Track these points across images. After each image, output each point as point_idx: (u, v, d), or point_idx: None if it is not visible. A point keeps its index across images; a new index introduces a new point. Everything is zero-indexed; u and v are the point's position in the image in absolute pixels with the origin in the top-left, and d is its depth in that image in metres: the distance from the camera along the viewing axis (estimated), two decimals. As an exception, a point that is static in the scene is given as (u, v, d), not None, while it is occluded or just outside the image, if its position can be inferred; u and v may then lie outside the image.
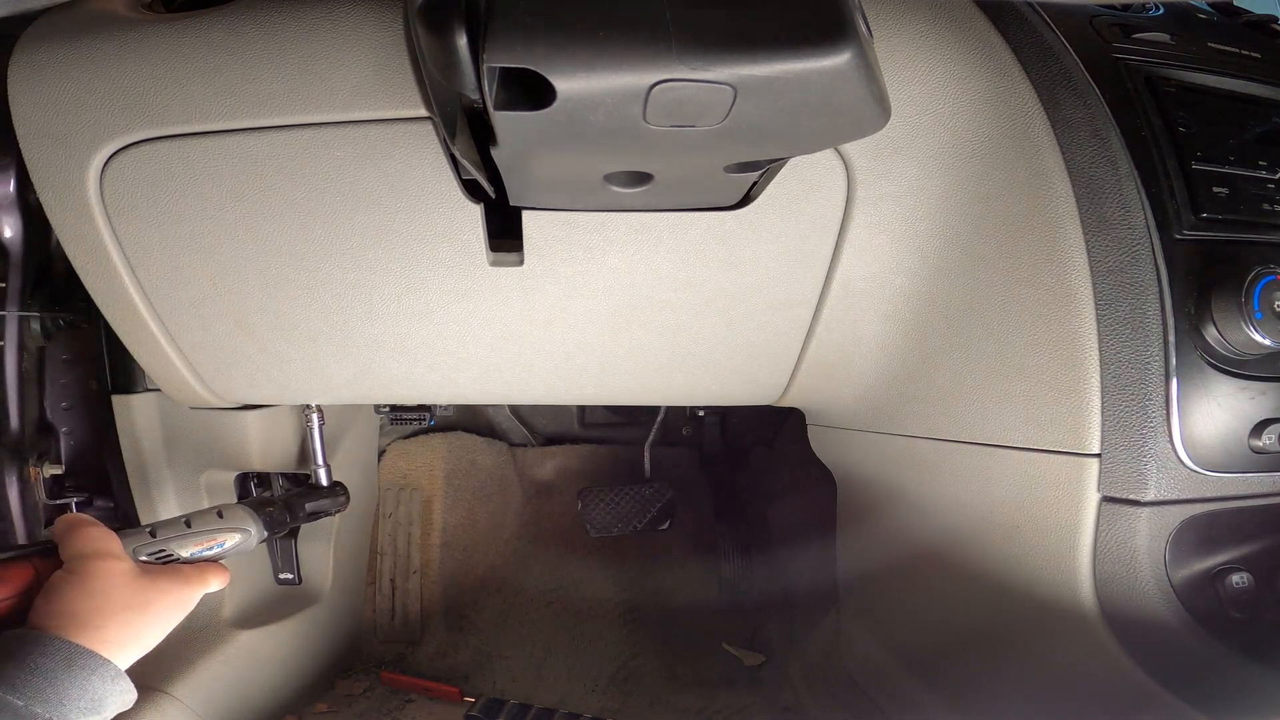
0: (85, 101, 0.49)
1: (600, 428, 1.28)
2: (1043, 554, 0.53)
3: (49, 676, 0.41)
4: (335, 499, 0.74)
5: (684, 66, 0.30)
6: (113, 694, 0.44)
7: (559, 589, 1.19)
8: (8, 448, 0.75)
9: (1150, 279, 0.48)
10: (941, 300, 0.58)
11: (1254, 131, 0.53)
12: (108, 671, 0.44)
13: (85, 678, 0.43)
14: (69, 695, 0.42)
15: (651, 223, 0.54)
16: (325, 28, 0.46)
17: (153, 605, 0.48)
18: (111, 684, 0.44)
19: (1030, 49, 0.51)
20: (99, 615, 0.45)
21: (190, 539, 0.53)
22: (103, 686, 0.43)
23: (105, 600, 0.46)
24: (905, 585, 0.75)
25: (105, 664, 0.44)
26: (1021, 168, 0.51)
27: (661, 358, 0.66)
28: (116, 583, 0.47)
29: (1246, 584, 0.49)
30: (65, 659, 0.42)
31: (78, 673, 0.42)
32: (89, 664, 0.43)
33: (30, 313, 0.74)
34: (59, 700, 0.41)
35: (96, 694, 0.43)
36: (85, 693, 0.42)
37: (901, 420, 0.66)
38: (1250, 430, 0.49)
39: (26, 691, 0.40)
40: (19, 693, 0.40)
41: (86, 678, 0.43)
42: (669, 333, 0.63)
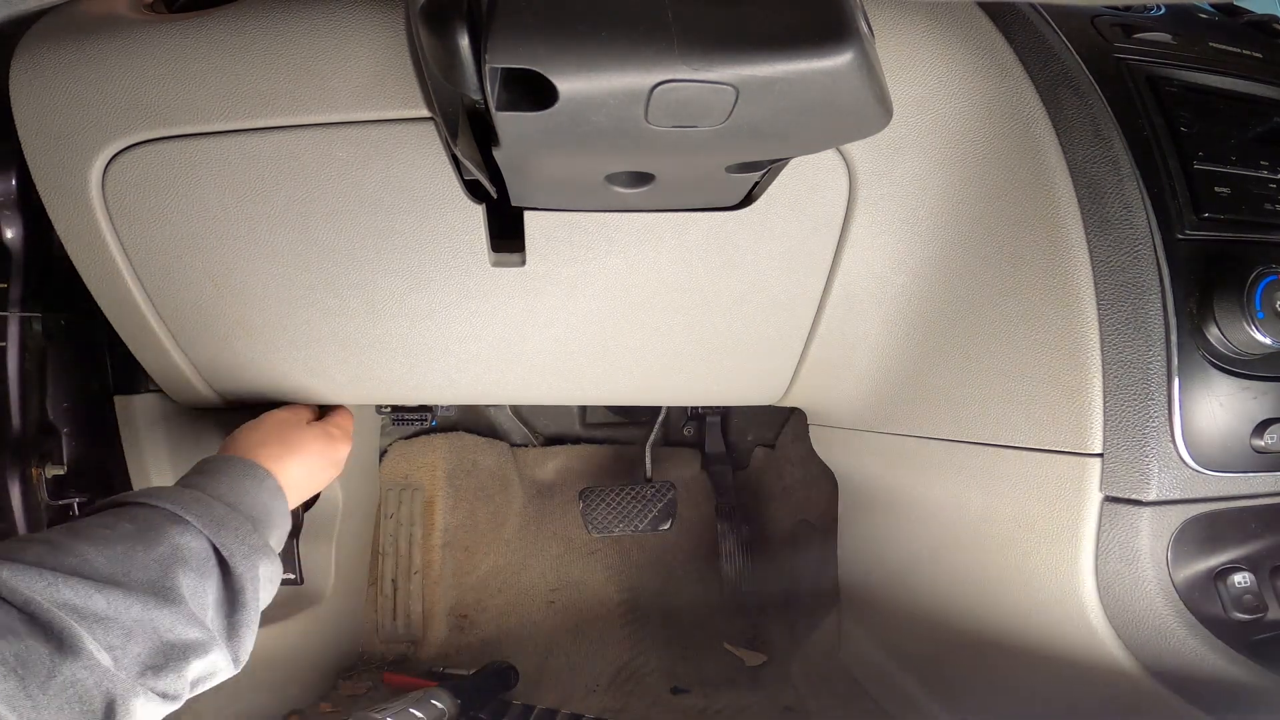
0: (87, 102, 0.49)
1: (601, 428, 1.28)
2: (1044, 554, 0.53)
3: (234, 489, 0.50)
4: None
5: (686, 67, 0.30)
6: (276, 510, 0.52)
7: (560, 589, 1.19)
8: (9, 448, 0.75)
9: (1152, 279, 0.48)
10: (943, 300, 0.58)
11: (1255, 131, 0.53)
12: (281, 503, 0.52)
13: (265, 496, 0.51)
14: (238, 489, 0.50)
15: (653, 223, 0.54)
16: (327, 28, 0.46)
17: (307, 448, 0.59)
18: (272, 498, 0.52)
19: (1032, 49, 0.51)
20: (281, 456, 0.56)
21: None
22: (274, 504, 0.51)
23: (287, 444, 0.57)
24: (906, 585, 0.75)
25: (280, 493, 0.52)
26: (1023, 167, 0.51)
27: (664, 358, 0.66)
28: (299, 437, 0.59)
29: (1248, 584, 0.49)
30: (253, 476, 0.52)
31: (260, 490, 0.51)
32: (269, 485, 0.52)
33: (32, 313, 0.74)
34: (231, 491, 0.49)
35: (269, 511, 0.51)
36: (260, 504, 0.50)
37: (903, 420, 0.66)
38: (1252, 430, 0.49)
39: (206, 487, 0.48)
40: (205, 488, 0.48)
41: (267, 496, 0.51)
42: (671, 333, 0.63)
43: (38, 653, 0.33)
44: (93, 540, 0.40)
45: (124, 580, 0.38)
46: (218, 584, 0.43)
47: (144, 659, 0.38)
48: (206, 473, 0.51)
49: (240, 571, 0.44)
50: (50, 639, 0.34)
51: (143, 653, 0.38)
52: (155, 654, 0.38)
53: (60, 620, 0.34)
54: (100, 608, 0.37)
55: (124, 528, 0.42)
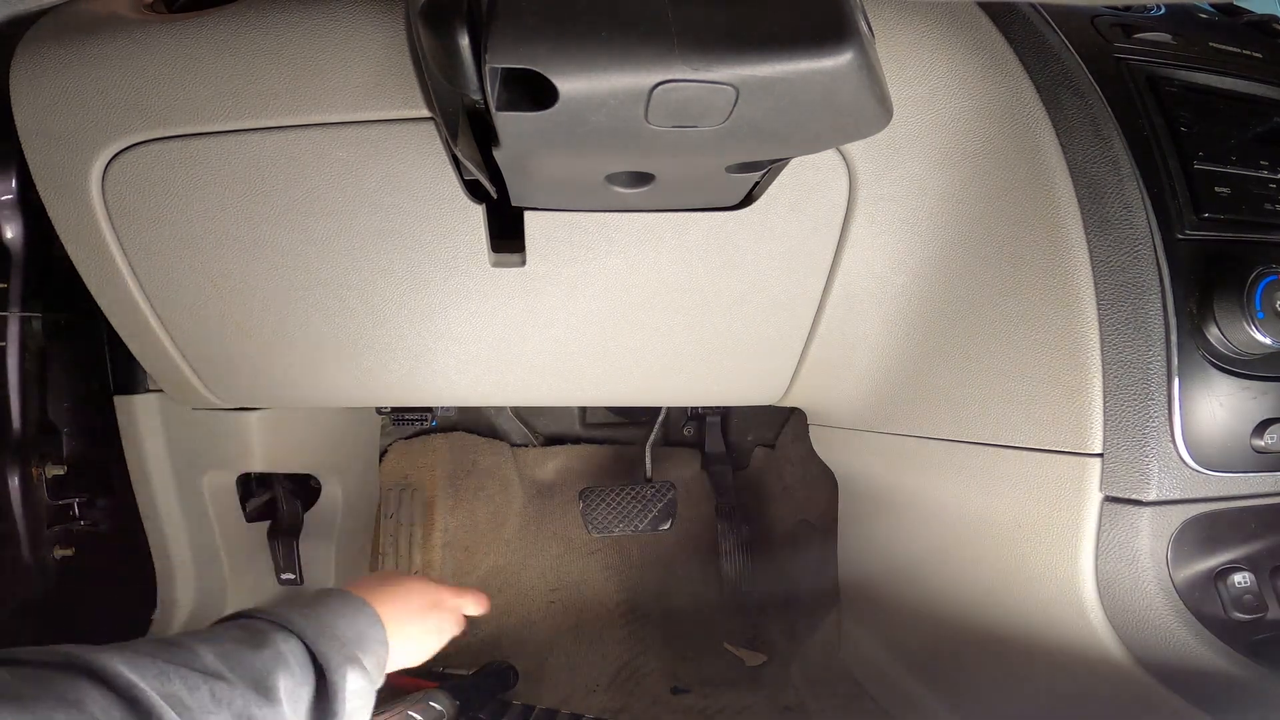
0: (87, 102, 0.49)
1: (601, 428, 1.28)
2: (1045, 554, 0.53)
3: (333, 611, 0.50)
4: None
5: (686, 67, 0.30)
6: (371, 637, 0.51)
7: (560, 589, 1.19)
8: (10, 448, 0.75)
9: (1152, 279, 0.48)
10: (943, 300, 0.58)
11: (1255, 131, 0.53)
12: (378, 631, 0.52)
13: (363, 622, 0.51)
14: (340, 627, 0.49)
15: (653, 223, 0.54)
16: (327, 28, 0.46)
17: (428, 619, 0.59)
18: (369, 627, 0.51)
19: (1032, 49, 0.51)
20: (388, 600, 0.55)
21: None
22: (370, 631, 0.51)
23: (397, 593, 0.57)
24: (907, 585, 0.75)
25: (378, 621, 0.52)
26: (1023, 167, 0.51)
27: (664, 358, 0.66)
28: (411, 590, 0.58)
29: (1249, 584, 0.49)
30: (354, 605, 0.52)
31: (357, 616, 0.51)
32: (367, 613, 0.52)
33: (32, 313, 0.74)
34: (331, 629, 0.48)
35: (364, 635, 0.50)
36: (356, 629, 0.50)
37: (903, 420, 0.66)
38: (1252, 430, 0.49)
39: (309, 618, 0.47)
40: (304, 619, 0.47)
41: (364, 623, 0.51)
42: (671, 333, 0.63)
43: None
44: (203, 640, 0.41)
45: (229, 676, 0.40)
46: (312, 690, 0.44)
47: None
48: (316, 599, 0.53)
49: (334, 679, 0.45)
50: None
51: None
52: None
53: (160, 709, 0.35)
54: (205, 700, 0.38)
55: (232, 633, 0.43)
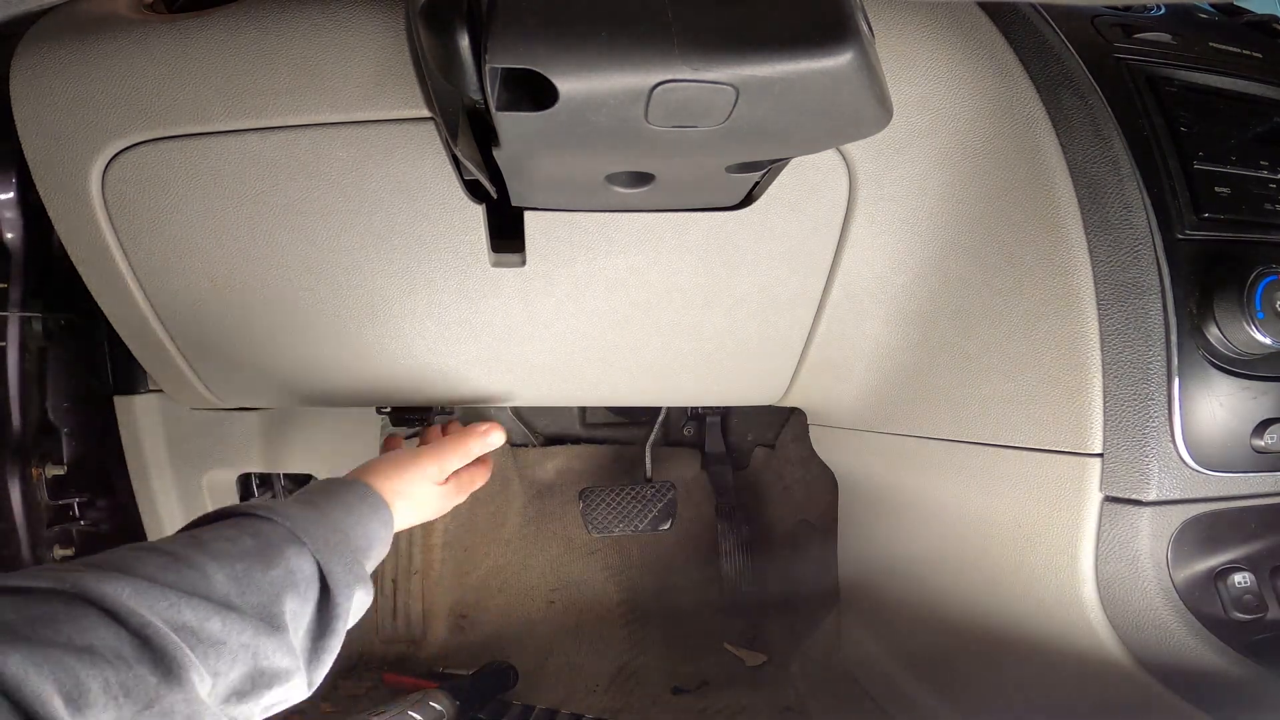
0: (87, 102, 0.49)
1: (601, 428, 1.28)
2: (1045, 554, 0.53)
3: (347, 509, 0.50)
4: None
5: (686, 67, 0.30)
6: (379, 540, 0.51)
7: (560, 589, 1.19)
8: (10, 448, 0.75)
9: (1152, 279, 0.48)
10: (943, 300, 0.58)
11: (1255, 131, 0.53)
12: (387, 531, 0.52)
13: (375, 524, 0.51)
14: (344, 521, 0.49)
15: (653, 224, 0.54)
16: (327, 28, 0.46)
17: (429, 500, 0.59)
18: (381, 528, 0.51)
19: (1032, 49, 0.51)
20: (402, 487, 0.56)
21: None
22: (381, 533, 0.51)
23: (410, 476, 0.57)
24: (907, 585, 0.75)
25: (390, 520, 0.52)
26: (1023, 168, 0.51)
27: (664, 358, 0.66)
28: (425, 471, 0.58)
29: (1249, 584, 0.49)
30: (369, 504, 0.51)
31: (371, 518, 0.51)
32: (382, 515, 0.52)
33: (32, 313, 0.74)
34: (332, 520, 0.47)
35: (373, 539, 0.50)
36: (367, 534, 0.50)
37: (903, 420, 0.66)
38: (1252, 430, 0.49)
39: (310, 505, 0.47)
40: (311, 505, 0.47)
41: (376, 524, 0.51)
42: (671, 333, 0.63)
43: (144, 682, 0.32)
44: (215, 555, 0.40)
45: (239, 603, 0.38)
46: (314, 608, 0.43)
47: (235, 685, 0.37)
48: (331, 493, 0.51)
49: (339, 600, 0.44)
50: (159, 667, 0.33)
51: (237, 679, 0.37)
52: (246, 680, 0.38)
53: (174, 647, 0.34)
54: (216, 631, 0.36)
55: (245, 543, 0.42)
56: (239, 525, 0.43)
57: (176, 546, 0.40)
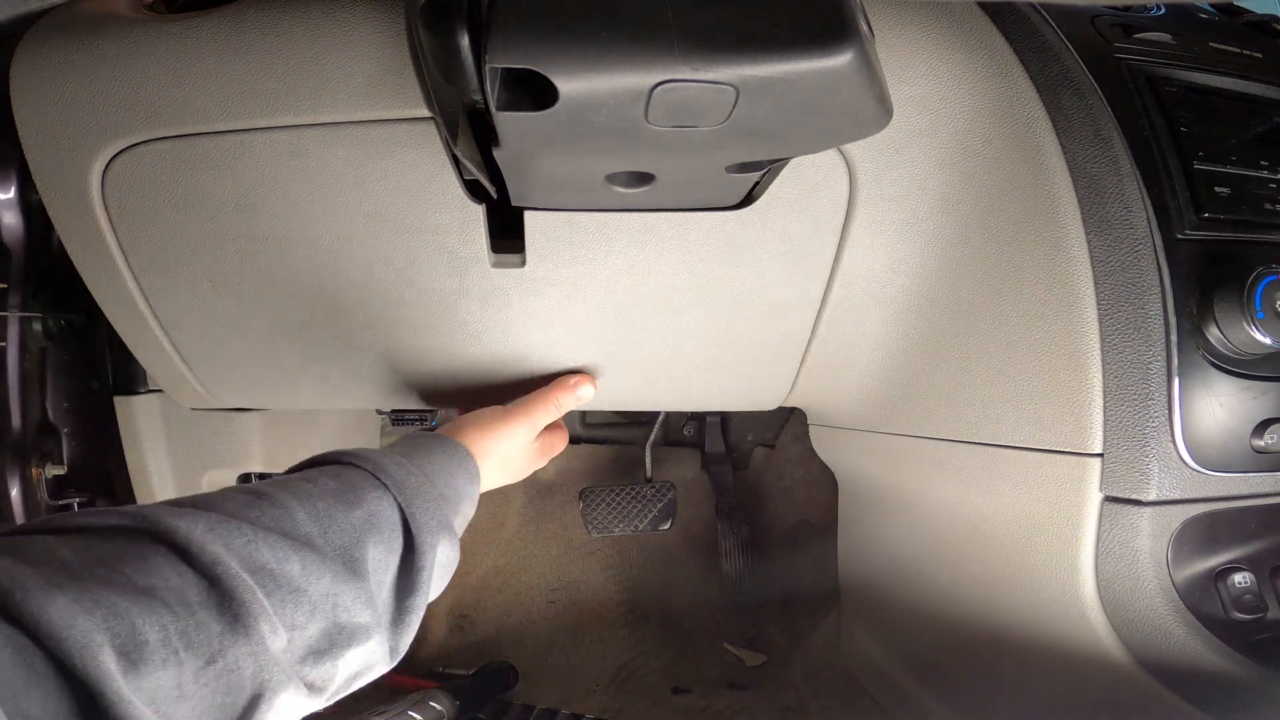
0: (88, 102, 0.49)
1: (601, 428, 1.28)
2: (1045, 554, 0.53)
3: (435, 462, 0.48)
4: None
5: (686, 67, 0.30)
6: (467, 496, 0.50)
7: (560, 589, 1.19)
8: (10, 448, 0.75)
9: (1152, 279, 0.48)
10: (943, 300, 0.58)
11: (1255, 131, 0.53)
12: (474, 488, 0.51)
13: (462, 478, 0.50)
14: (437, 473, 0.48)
15: (654, 224, 0.54)
16: (328, 28, 0.46)
17: (516, 460, 0.59)
18: (468, 483, 0.50)
19: (1032, 49, 0.51)
20: (490, 447, 0.55)
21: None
22: (468, 488, 0.50)
23: (500, 436, 0.56)
24: (907, 585, 0.75)
25: (476, 476, 0.51)
26: (1023, 168, 0.51)
27: (664, 361, 0.66)
28: (516, 432, 0.57)
29: (1249, 584, 0.49)
30: (457, 458, 0.50)
31: (458, 471, 0.50)
32: (469, 468, 0.51)
33: (32, 313, 0.74)
34: (425, 473, 0.46)
35: (460, 493, 0.49)
36: (455, 486, 0.49)
37: (903, 420, 0.66)
38: (1252, 430, 0.49)
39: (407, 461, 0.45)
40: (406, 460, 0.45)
41: (463, 479, 0.50)
42: (672, 335, 0.63)
43: (207, 630, 0.29)
44: (296, 493, 0.37)
45: (320, 543, 0.35)
46: (399, 560, 0.39)
47: (312, 642, 0.34)
48: (418, 444, 0.49)
49: (423, 549, 0.40)
50: (225, 614, 0.30)
51: (315, 635, 0.34)
52: (324, 637, 0.34)
53: (245, 590, 0.30)
54: (295, 574, 0.33)
55: (325, 484, 0.39)
56: (320, 470, 0.41)
57: (262, 486, 0.38)
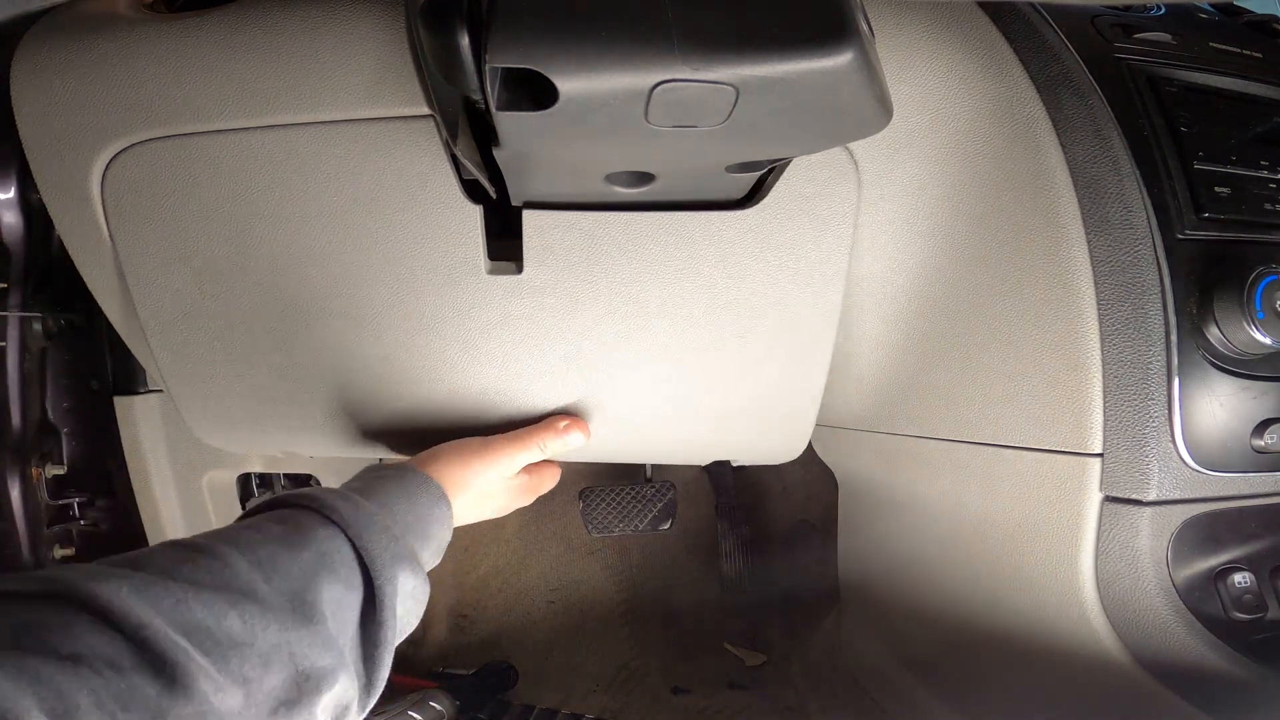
0: (88, 102, 0.49)
1: (601, 428, 1.28)
2: (1044, 554, 0.53)
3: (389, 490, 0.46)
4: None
5: (686, 67, 0.30)
6: (434, 519, 0.47)
7: (560, 589, 1.19)
8: (10, 448, 0.75)
9: (1152, 278, 0.48)
10: (943, 300, 0.58)
11: (1255, 131, 0.53)
12: (443, 510, 0.48)
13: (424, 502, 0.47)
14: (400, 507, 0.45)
15: (657, 228, 0.54)
16: (327, 27, 0.46)
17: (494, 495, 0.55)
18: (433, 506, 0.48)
19: (1031, 48, 0.51)
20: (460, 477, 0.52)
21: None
22: (433, 512, 0.47)
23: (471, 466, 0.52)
24: (907, 585, 0.75)
25: (443, 498, 0.48)
26: (1023, 167, 0.51)
27: (668, 398, 0.61)
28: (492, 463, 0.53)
29: (1249, 584, 0.49)
30: (415, 482, 0.48)
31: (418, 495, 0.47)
32: (431, 489, 0.48)
33: (32, 313, 0.74)
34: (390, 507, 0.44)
35: (425, 518, 0.46)
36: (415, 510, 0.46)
37: (903, 420, 0.66)
38: (1252, 430, 0.49)
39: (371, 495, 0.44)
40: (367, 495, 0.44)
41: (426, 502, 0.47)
42: (676, 356, 0.59)
43: (143, 693, 0.28)
44: (236, 543, 0.36)
45: (264, 592, 0.34)
46: (360, 596, 0.38)
47: (278, 693, 0.32)
48: (379, 477, 0.47)
49: (383, 583, 0.38)
50: (160, 676, 0.29)
51: (279, 686, 0.32)
52: (290, 686, 0.33)
53: (176, 651, 0.29)
54: (235, 629, 0.32)
55: (271, 529, 0.37)
56: (267, 515, 0.39)
57: (200, 539, 0.36)
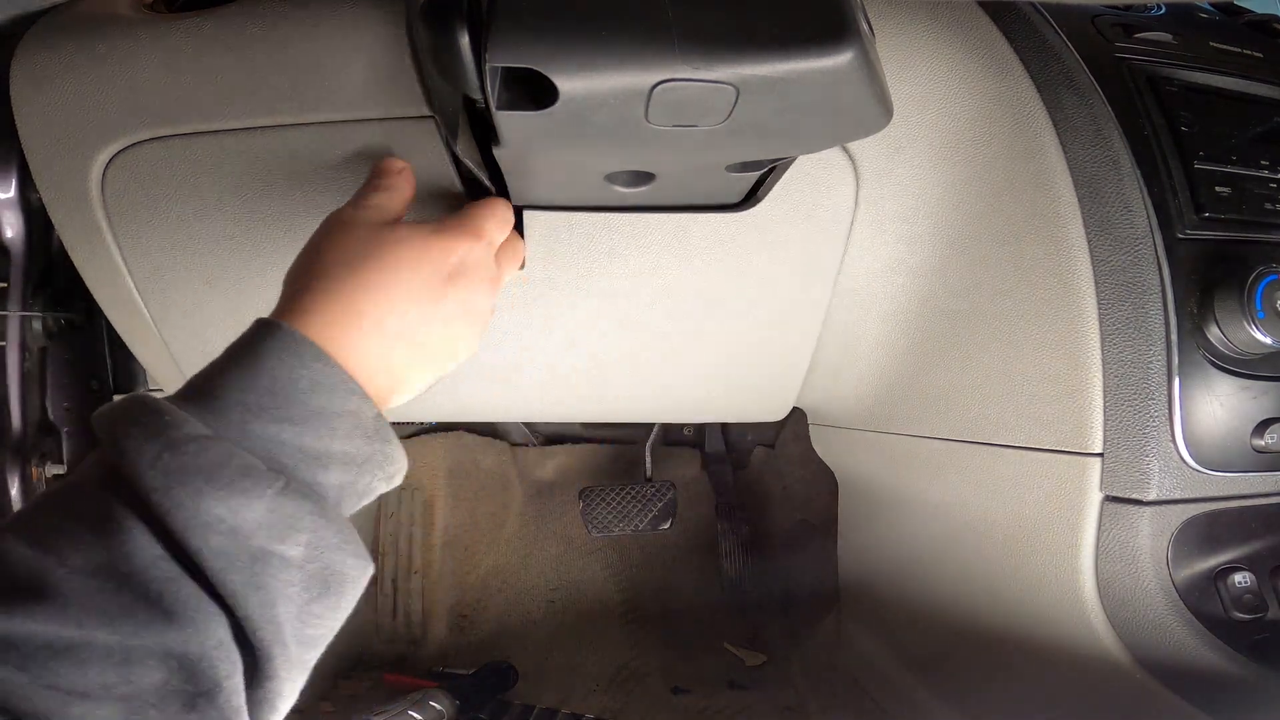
0: (88, 101, 0.49)
1: (601, 427, 1.28)
2: (1045, 554, 0.53)
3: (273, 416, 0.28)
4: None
5: (686, 66, 0.30)
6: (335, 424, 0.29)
7: (560, 588, 1.19)
8: (9, 447, 0.75)
9: (1153, 278, 0.48)
10: (943, 299, 0.58)
11: (1256, 131, 0.53)
12: (357, 402, 0.29)
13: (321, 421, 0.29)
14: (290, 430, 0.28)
15: (656, 226, 0.54)
16: (328, 27, 0.46)
17: (444, 303, 0.34)
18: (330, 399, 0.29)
19: (1032, 48, 0.51)
20: (371, 305, 0.31)
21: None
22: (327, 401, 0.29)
23: (383, 279, 0.31)
24: (907, 585, 0.75)
25: (353, 390, 0.29)
26: (1023, 167, 0.51)
27: (665, 369, 0.65)
28: (404, 260, 0.32)
29: (1249, 583, 0.49)
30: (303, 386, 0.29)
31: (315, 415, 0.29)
32: (330, 382, 0.29)
33: (32, 313, 0.74)
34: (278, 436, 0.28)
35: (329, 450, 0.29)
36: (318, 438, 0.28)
37: (903, 420, 0.66)
38: (1252, 430, 0.49)
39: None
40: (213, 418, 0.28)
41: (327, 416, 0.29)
42: (676, 343, 0.62)
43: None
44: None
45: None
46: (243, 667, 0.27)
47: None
48: (230, 375, 0.30)
49: (176, 526, 0.26)
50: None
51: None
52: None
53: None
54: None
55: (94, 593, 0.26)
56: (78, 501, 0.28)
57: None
